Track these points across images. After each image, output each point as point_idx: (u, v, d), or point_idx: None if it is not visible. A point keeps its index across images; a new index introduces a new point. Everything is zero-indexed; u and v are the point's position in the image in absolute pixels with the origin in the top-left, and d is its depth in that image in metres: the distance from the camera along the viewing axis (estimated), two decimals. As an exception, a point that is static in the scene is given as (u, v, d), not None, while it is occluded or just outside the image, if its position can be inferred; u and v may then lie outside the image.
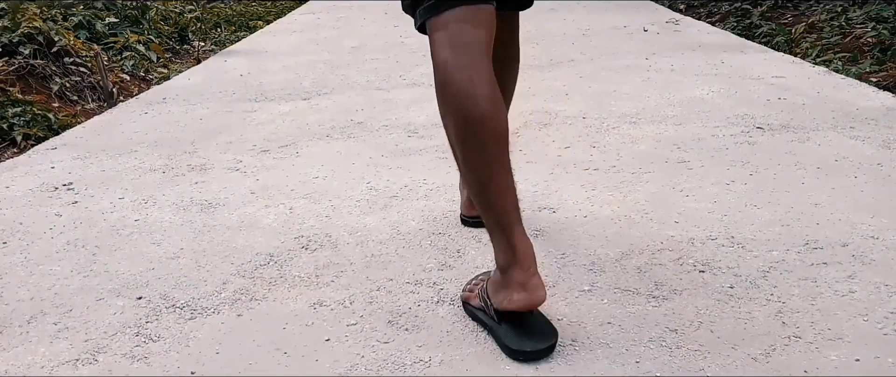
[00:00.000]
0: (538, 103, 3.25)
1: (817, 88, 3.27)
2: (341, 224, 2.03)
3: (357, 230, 1.97)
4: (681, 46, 4.36)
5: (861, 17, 4.69)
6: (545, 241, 1.84)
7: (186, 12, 6.09)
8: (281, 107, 3.48)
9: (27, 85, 3.82)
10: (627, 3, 6.50)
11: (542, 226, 1.93)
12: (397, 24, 5.83)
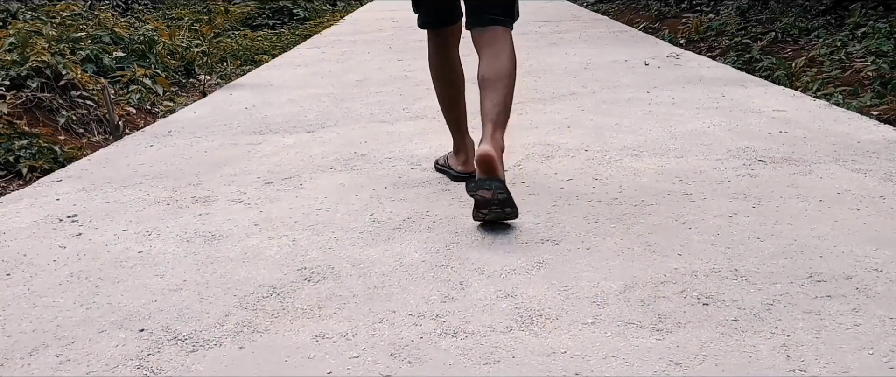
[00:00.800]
0: (540, 136, 3.27)
1: (818, 122, 3.28)
2: (344, 256, 2.03)
3: (360, 262, 1.98)
4: (681, 80, 4.40)
5: (861, 50, 4.74)
6: (548, 273, 1.84)
7: (193, 47, 6.16)
8: (285, 139, 3.51)
9: (34, 118, 3.86)
10: (628, 37, 6.57)
11: (545, 258, 1.93)
12: (401, 58, 5.90)
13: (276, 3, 9.93)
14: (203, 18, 7.88)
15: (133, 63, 5.15)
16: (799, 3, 6.33)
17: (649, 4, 8.50)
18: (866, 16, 5.30)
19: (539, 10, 9.67)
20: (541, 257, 1.94)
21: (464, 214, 2.31)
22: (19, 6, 5.70)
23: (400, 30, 8.09)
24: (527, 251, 1.99)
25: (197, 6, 8.71)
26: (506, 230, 2.15)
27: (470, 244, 2.07)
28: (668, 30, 6.86)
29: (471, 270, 1.89)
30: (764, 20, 6.22)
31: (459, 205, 2.41)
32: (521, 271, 1.86)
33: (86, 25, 5.42)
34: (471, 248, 2.04)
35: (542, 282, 1.80)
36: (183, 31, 6.86)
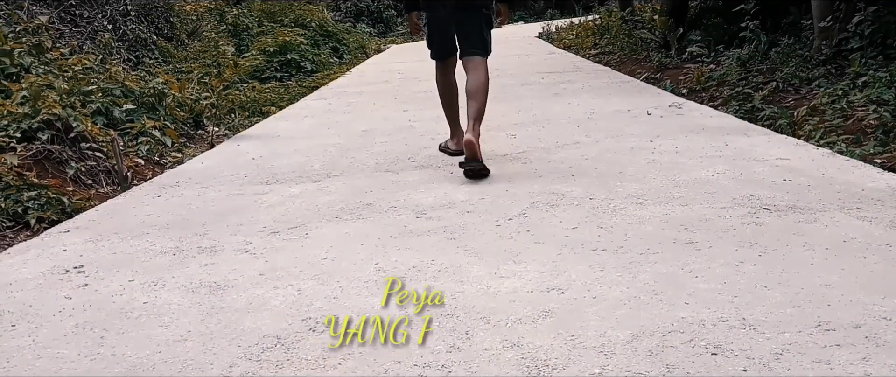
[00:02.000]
0: (545, 184, 3.28)
1: (822, 170, 3.29)
2: (349, 305, 2.02)
3: (365, 311, 1.97)
4: (684, 129, 4.43)
5: (862, 99, 4.77)
6: (554, 323, 1.83)
7: (202, 99, 6.25)
8: (291, 189, 3.53)
9: (43, 169, 3.90)
10: (630, 88, 6.64)
11: (551, 307, 1.92)
12: (406, 109, 5.97)
13: (283, 56, 10.11)
14: (212, 71, 8.01)
15: (143, 115, 5.22)
16: (799, 53, 6.40)
17: (650, 55, 8.61)
18: (866, 65, 5.35)
19: (542, 61, 9.82)
20: (547, 306, 1.93)
21: (469, 263, 2.31)
22: (32, 60, 5.82)
23: (405, 81, 8.21)
24: (532, 300, 1.99)
25: (206, 60, 8.86)
26: (511, 278, 2.15)
27: (475, 293, 2.07)
28: (670, 80, 6.93)
29: (476, 319, 1.88)
30: (764, 70, 6.28)
31: (465, 253, 2.41)
32: (527, 320, 1.86)
33: (97, 79, 5.52)
34: (476, 297, 2.03)
35: (548, 331, 1.79)
36: (192, 83, 6.97)
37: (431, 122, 5.22)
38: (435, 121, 5.28)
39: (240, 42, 11.24)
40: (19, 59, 5.65)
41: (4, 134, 3.99)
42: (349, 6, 20.54)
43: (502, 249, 2.44)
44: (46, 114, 4.18)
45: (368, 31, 19.19)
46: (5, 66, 5.54)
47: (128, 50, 8.62)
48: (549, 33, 15.32)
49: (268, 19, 13.01)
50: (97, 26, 8.54)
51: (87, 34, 8.25)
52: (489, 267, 2.27)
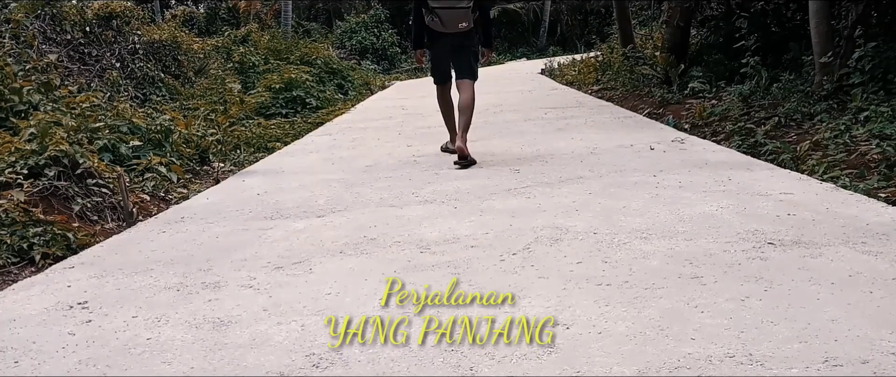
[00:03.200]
0: (548, 219, 3.28)
1: (826, 204, 3.29)
2: (353, 341, 2.01)
3: (369, 347, 1.96)
4: (687, 164, 4.44)
5: (864, 134, 4.79)
6: (559, 358, 1.82)
7: (208, 135, 6.31)
8: (295, 224, 3.54)
9: (49, 205, 3.92)
10: (633, 123, 6.68)
11: (556, 343, 1.91)
12: (410, 144, 6.01)
13: (289, 93, 10.21)
14: (219, 108, 8.09)
15: (149, 151, 5.26)
16: (800, 88, 6.45)
17: (652, 91, 8.67)
18: (868, 100, 5.38)
19: (545, 97, 9.89)
20: (552, 341, 1.92)
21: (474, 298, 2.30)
22: (41, 98, 5.90)
23: (409, 117, 8.27)
24: (538, 334, 1.98)
25: (213, 97, 8.95)
26: (516, 313, 2.14)
27: (480, 328, 2.06)
28: (672, 115, 6.97)
29: (481, 355, 1.87)
30: (766, 105, 6.32)
31: (469, 287, 2.41)
32: (533, 356, 1.84)
33: (104, 116, 5.58)
34: (481, 332, 2.02)
35: (553, 366, 1.77)
36: (199, 120, 7.04)
37: (435, 157, 5.25)
38: (438, 155, 5.31)
39: (246, 79, 11.37)
40: (28, 97, 5.73)
41: (12, 170, 4.02)
42: (354, 43, 20.81)
43: (507, 284, 2.43)
44: (54, 150, 4.22)
45: (373, 67, 19.41)
46: (14, 103, 5.61)
47: (135, 87, 8.72)
48: (552, 69, 15.48)
49: (274, 57, 13.18)
50: (105, 64, 8.66)
51: (96, 72, 8.37)
52: (495, 309, 2.26)
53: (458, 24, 4.82)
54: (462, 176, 4.48)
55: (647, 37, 13.38)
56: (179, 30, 11.87)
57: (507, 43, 28.76)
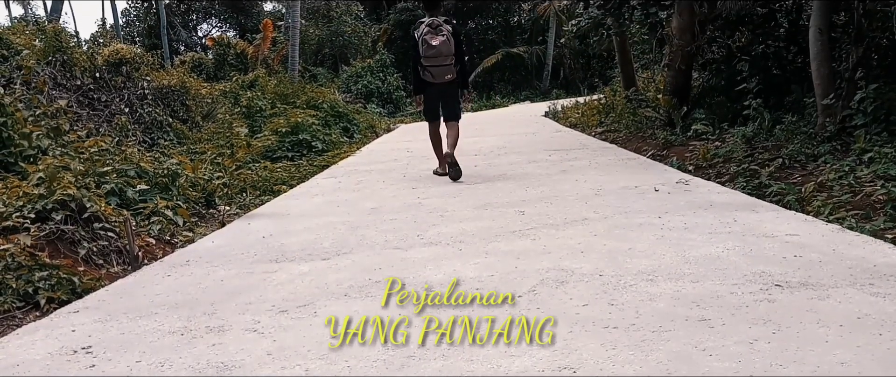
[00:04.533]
0: (553, 261, 3.27)
1: (832, 245, 3.28)
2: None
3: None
4: (692, 205, 4.44)
5: (869, 175, 4.79)
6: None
7: (214, 178, 6.35)
8: (300, 267, 3.54)
9: (55, 249, 3.93)
10: (636, 164, 6.70)
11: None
12: (415, 187, 6.03)
13: (295, 136, 10.31)
14: (225, 152, 8.16)
15: (156, 195, 5.30)
16: (803, 130, 6.48)
17: (655, 133, 8.72)
18: (871, 141, 5.40)
19: (549, 139, 9.95)
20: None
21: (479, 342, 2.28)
22: (50, 143, 5.98)
23: (414, 159, 8.32)
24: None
25: (220, 141, 9.05)
26: (522, 357, 2.12)
27: (486, 372, 2.04)
28: (676, 157, 6.99)
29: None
30: (770, 147, 6.34)
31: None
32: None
33: (112, 160, 5.64)
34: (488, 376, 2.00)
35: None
36: (205, 164, 7.10)
37: (439, 199, 5.26)
38: (442, 198, 5.32)
39: (253, 123, 11.49)
40: (37, 142, 5.80)
41: (19, 214, 4.05)
42: (360, 87, 21.06)
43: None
44: (61, 194, 4.25)
45: (378, 111, 19.61)
46: (24, 148, 5.68)
47: (144, 132, 8.82)
48: (556, 112, 15.61)
49: (281, 101, 13.34)
50: (114, 109, 8.78)
51: (105, 117, 8.48)
52: (499, 345, 2.25)
53: (444, 76, 6.32)
54: (467, 217, 4.49)
55: (650, 79, 13.52)
56: (188, 75, 12.05)
57: (510, 86, 29.09)
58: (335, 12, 24.80)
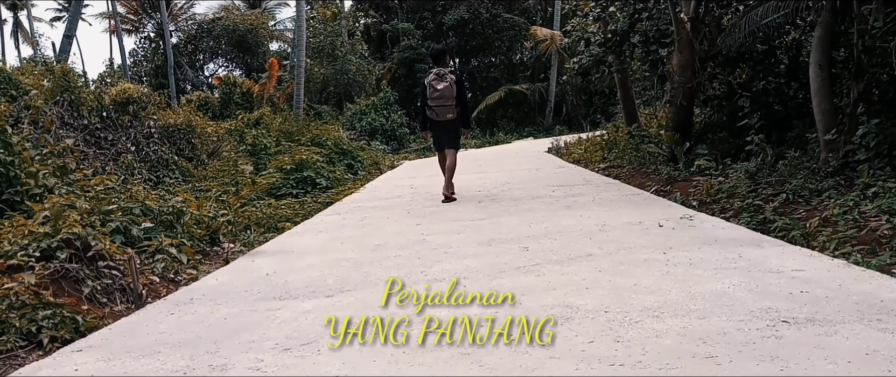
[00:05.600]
0: (558, 297, 3.26)
1: (839, 281, 3.26)
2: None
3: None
4: (697, 241, 4.43)
5: (874, 210, 4.78)
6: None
7: (219, 216, 6.36)
8: (304, 304, 3.52)
9: (60, 288, 3.93)
10: (640, 200, 6.70)
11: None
12: (419, 223, 6.03)
13: (300, 173, 10.35)
14: (230, 189, 8.19)
15: (160, 233, 5.31)
16: (806, 165, 6.50)
17: (658, 169, 8.74)
18: (874, 176, 5.40)
19: (552, 175, 9.97)
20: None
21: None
22: (56, 181, 6.02)
23: (418, 196, 8.34)
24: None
25: (225, 178, 9.09)
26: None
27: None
28: (680, 193, 6.99)
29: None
30: (773, 182, 6.35)
31: (479, 369, 2.37)
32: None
33: (118, 198, 5.66)
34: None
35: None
36: (210, 201, 7.13)
37: (443, 236, 5.26)
38: (446, 234, 5.32)
39: (258, 161, 11.55)
40: (44, 181, 5.84)
41: (24, 253, 4.06)
42: (364, 125, 21.21)
43: (517, 365, 2.40)
44: (66, 233, 4.26)
45: (382, 147, 19.71)
46: (30, 187, 5.72)
47: (149, 170, 8.88)
48: (559, 148, 15.67)
49: (286, 139, 13.44)
50: (121, 148, 8.85)
51: (111, 155, 8.54)
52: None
53: (446, 115, 7.55)
54: (471, 254, 4.48)
55: (652, 115, 13.61)
56: (194, 114, 12.16)
57: (513, 122, 29.26)
58: (340, 51, 25.11)
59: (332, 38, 25.43)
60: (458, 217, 6.24)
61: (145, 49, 33.37)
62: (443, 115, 7.51)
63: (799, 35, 8.67)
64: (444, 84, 7.39)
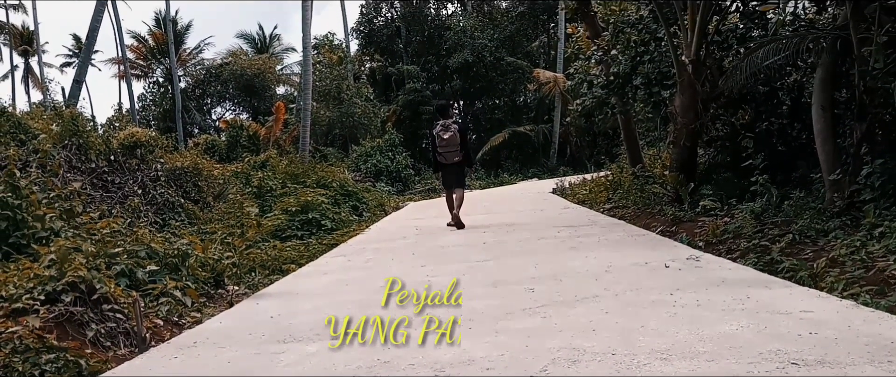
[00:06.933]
0: (565, 339, 3.23)
1: (848, 322, 3.23)
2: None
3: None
4: (704, 282, 4.40)
5: (881, 250, 4.75)
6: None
7: (224, 258, 6.36)
8: (308, 347, 3.50)
9: (64, 331, 3.92)
10: (646, 241, 6.68)
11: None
12: (424, 264, 6.01)
13: (305, 215, 10.38)
14: (236, 232, 8.20)
15: (165, 276, 5.30)
16: (812, 205, 6.48)
17: (664, 209, 8.72)
18: (881, 216, 5.38)
19: (557, 216, 9.96)
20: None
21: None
22: (63, 225, 6.05)
23: (423, 237, 8.33)
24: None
25: (230, 220, 9.11)
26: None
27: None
28: (686, 233, 6.96)
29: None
30: (779, 222, 6.32)
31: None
32: None
33: (123, 241, 5.68)
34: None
35: None
36: (216, 243, 7.13)
37: (449, 278, 5.23)
38: (451, 275, 5.30)
39: (264, 203, 11.59)
40: (50, 224, 5.86)
41: (29, 296, 4.06)
42: (369, 166, 21.31)
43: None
44: (71, 276, 4.27)
45: (387, 189, 19.76)
46: (36, 230, 5.75)
47: (155, 213, 8.91)
48: (563, 189, 15.68)
49: (291, 181, 13.50)
50: (128, 191, 8.90)
51: (118, 199, 8.59)
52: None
53: (452, 158, 8.92)
54: (477, 296, 4.46)
55: (656, 156, 13.64)
56: (201, 157, 12.26)
57: (518, 163, 29.36)
58: (346, 94, 25.40)
59: (338, 82, 25.76)
60: (463, 258, 6.22)
61: (154, 93, 33.83)
62: (450, 159, 8.95)
63: (800, 76, 8.74)
64: (449, 134, 8.88)
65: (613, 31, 10.72)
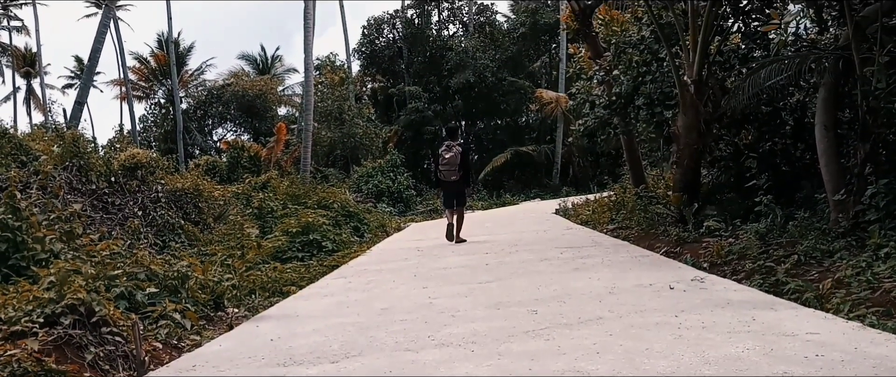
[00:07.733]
0: (569, 362, 3.18)
1: (854, 344, 3.18)
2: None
3: None
4: (709, 303, 4.36)
5: (887, 271, 4.71)
6: None
7: (224, 280, 6.32)
8: (308, 371, 3.45)
9: (62, 354, 3.87)
10: (650, 262, 6.63)
11: None
12: (426, 286, 5.97)
13: (305, 236, 10.33)
14: (236, 253, 8.16)
15: (165, 298, 5.26)
16: (817, 226, 6.44)
17: (668, 230, 8.68)
18: (886, 236, 5.35)
19: (560, 237, 9.92)
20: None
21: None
22: (62, 247, 6.02)
23: (424, 258, 8.28)
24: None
25: (231, 242, 9.07)
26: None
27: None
28: (690, 254, 6.92)
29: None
30: (784, 243, 6.28)
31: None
32: None
33: (123, 263, 5.64)
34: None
35: None
36: (216, 265, 7.09)
37: (451, 299, 5.19)
38: (453, 297, 5.26)
39: (264, 224, 11.55)
40: (50, 246, 5.83)
41: (28, 319, 4.02)
42: (370, 187, 21.30)
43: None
44: (71, 299, 4.23)
45: (389, 210, 19.72)
46: (36, 252, 5.72)
47: (156, 234, 8.88)
48: (566, 209, 15.64)
49: (292, 202, 13.48)
50: (128, 213, 8.88)
51: (118, 220, 8.57)
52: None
53: (450, 177, 9.82)
54: (479, 317, 4.41)
55: (659, 177, 13.62)
56: (202, 178, 12.25)
57: (520, 184, 29.34)
58: (347, 115, 25.48)
59: (339, 103, 25.85)
60: (465, 280, 6.17)
61: (155, 115, 33.98)
62: (448, 177, 9.92)
63: (803, 96, 8.75)
64: (450, 154, 9.85)
65: (615, 51, 10.75)
